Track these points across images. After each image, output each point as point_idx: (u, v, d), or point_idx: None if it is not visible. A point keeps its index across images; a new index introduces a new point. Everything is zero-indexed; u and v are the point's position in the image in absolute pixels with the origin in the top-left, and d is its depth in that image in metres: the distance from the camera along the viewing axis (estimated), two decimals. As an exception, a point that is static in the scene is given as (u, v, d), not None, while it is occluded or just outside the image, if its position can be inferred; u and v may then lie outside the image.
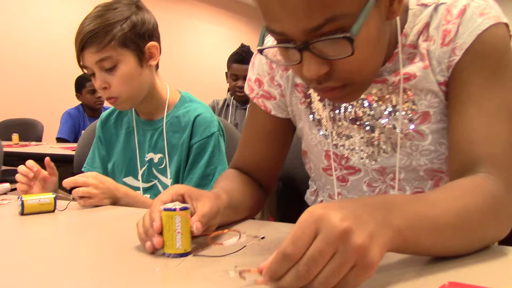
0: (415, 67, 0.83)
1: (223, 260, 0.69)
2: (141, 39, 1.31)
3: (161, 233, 0.73)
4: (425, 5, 0.83)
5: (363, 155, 0.92)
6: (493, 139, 0.76)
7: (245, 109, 3.35)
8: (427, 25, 0.83)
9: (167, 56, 1.43)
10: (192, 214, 0.75)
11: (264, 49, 0.77)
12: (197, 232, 0.73)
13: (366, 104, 0.90)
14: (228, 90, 3.49)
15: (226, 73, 3.43)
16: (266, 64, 0.99)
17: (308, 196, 1.11)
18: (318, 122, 0.96)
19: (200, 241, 0.78)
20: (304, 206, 1.30)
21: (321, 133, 0.96)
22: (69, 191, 1.18)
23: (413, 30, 0.83)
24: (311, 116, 0.96)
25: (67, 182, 1.17)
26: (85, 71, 1.32)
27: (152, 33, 1.34)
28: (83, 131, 1.99)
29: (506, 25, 0.80)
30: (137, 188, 1.42)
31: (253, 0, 0.73)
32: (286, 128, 1.03)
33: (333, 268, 0.49)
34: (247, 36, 7.08)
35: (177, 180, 1.38)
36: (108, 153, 1.51)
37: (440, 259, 0.65)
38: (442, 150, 0.87)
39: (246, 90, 1.04)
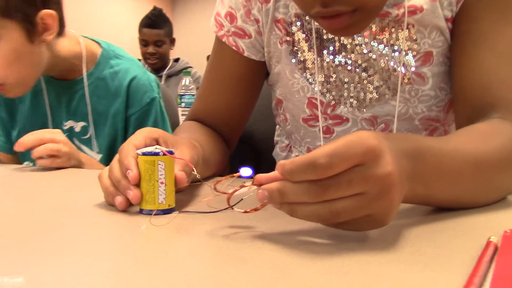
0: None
1: (217, 216, 0.55)
2: (30, 6, 1.01)
3: (137, 185, 0.57)
4: None
5: (353, 102, 0.82)
6: (507, 82, 0.69)
7: (160, 77, 3.13)
8: None
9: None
10: None
11: None
12: (182, 183, 0.58)
13: (360, 42, 0.79)
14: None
15: (138, 38, 3.17)
16: None
17: (278, 152, 0.99)
18: (302, 65, 0.83)
19: (179, 196, 0.62)
20: (264, 165, 1.17)
21: (305, 77, 0.83)
22: None
23: None
24: (293, 58, 0.83)
25: (29, 140, 0.93)
26: None
27: None
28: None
29: None
30: None
31: None
32: (259, 73, 0.89)
33: (354, 203, 0.41)
34: (150, 6, 6.73)
35: (109, 155, 1.17)
36: (12, 118, 1.23)
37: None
38: (442, 96, 0.79)
39: (213, 27, 0.88)
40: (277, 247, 0.43)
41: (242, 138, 1.16)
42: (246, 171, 0.47)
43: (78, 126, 1.17)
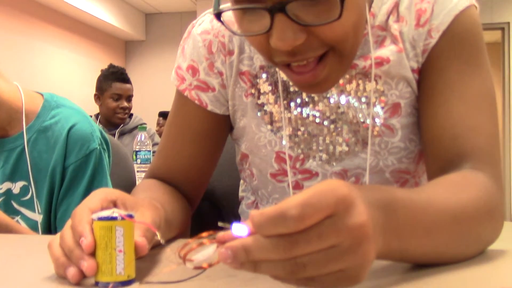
0: (387, 51, 0.73)
1: (183, 286, 0.49)
2: None
3: (92, 254, 0.50)
4: None
5: (322, 156, 0.78)
6: (477, 131, 0.69)
7: (113, 134, 3.04)
8: (396, 5, 0.74)
9: (15, 79, 1.08)
10: None
11: (222, 12, 0.61)
12: (143, 252, 0.52)
13: (328, 94, 0.77)
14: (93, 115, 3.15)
15: (96, 95, 3.08)
16: (204, 48, 0.81)
17: (244, 209, 0.93)
18: (269, 118, 0.80)
19: (139, 263, 0.56)
20: (228, 222, 1.11)
21: (272, 131, 0.80)
22: None
23: (381, 9, 0.74)
24: (259, 111, 0.80)
25: None
26: None
27: None
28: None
29: (477, 8, 0.74)
30: None
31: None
32: (223, 128, 0.84)
33: (323, 256, 0.39)
34: (104, 63, 6.69)
35: (49, 215, 1.07)
36: None
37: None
38: (411, 148, 0.77)
39: (174, 81, 0.84)
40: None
41: (203, 195, 1.10)
42: (239, 228, 0.42)
43: (16, 186, 1.07)
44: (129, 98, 3.05)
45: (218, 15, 0.61)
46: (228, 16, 0.65)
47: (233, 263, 0.39)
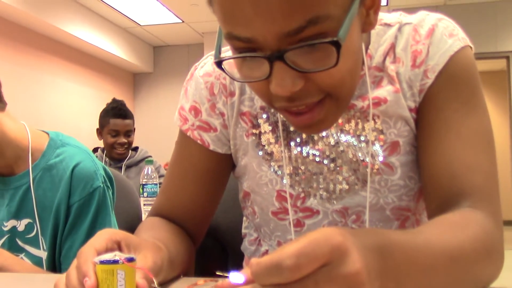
0: (384, 91, 0.75)
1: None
2: None
3: (95, 296, 0.51)
4: (388, 25, 0.77)
5: (322, 194, 0.79)
6: (475, 170, 0.69)
7: (120, 167, 3.07)
8: (392, 46, 0.76)
9: (24, 115, 1.11)
10: None
11: (223, 60, 0.62)
12: None
13: (327, 133, 0.78)
14: (95, 150, 3.18)
15: (98, 129, 3.11)
16: (206, 89, 0.83)
17: (247, 246, 0.94)
18: (270, 157, 0.81)
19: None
20: (230, 260, 1.12)
21: (273, 170, 0.81)
22: None
23: (378, 51, 0.75)
24: (260, 150, 0.81)
25: None
26: None
27: None
28: None
29: (472, 48, 0.76)
30: None
31: (211, 4, 0.60)
32: (225, 166, 0.86)
33: None
34: (112, 96, 6.74)
35: (54, 252, 1.08)
36: None
37: None
38: (411, 185, 0.78)
39: (177, 121, 0.86)
40: None
41: (207, 231, 1.11)
42: (236, 277, 0.43)
43: (21, 224, 1.08)
44: (127, 133, 3.04)
45: (219, 63, 0.62)
46: (230, 63, 0.67)
47: None
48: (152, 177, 2.17)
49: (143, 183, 2.15)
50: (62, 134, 1.17)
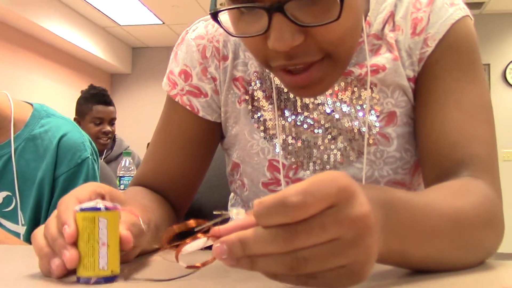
0: (383, 59, 0.72)
1: (171, 285, 0.45)
2: None
3: (75, 244, 0.46)
4: None
5: (316, 165, 0.76)
6: (476, 140, 0.68)
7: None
8: (392, 14, 0.74)
9: None
10: None
11: (219, 11, 0.59)
12: (128, 244, 0.49)
13: (323, 100, 0.75)
14: None
15: (76, 119, 2.85)
16: (197, 52, 0.79)
17: (233, 224, 0.90)
18: (262, 125, 0.77)
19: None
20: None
21: (265, 138, 0.77)
22: None
23: (377, 18, 0.73)
24: (252, 118, 0.78)
25: None
26: None
27: None
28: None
29: (472, 19, 0.75)
30: None
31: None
32: (213, 135, 0.82)
33: (325, 250, 0.37)
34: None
35: (35, 225, 1.02)
36: None
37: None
38: (407, 158, 0.75)
39: (166, 86, 0.81)
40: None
41: (190, 212, 1.06)
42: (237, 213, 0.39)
43: None
44: (111, 122, 2.84)
45: (215, 15, 0.59)
46: (225, 20, 0.64)
47: (228, 259, 0.37)
48: (130, 169, 2.11)
49: (120, 175, 2.09)
50: (46, 106, 1.13)
